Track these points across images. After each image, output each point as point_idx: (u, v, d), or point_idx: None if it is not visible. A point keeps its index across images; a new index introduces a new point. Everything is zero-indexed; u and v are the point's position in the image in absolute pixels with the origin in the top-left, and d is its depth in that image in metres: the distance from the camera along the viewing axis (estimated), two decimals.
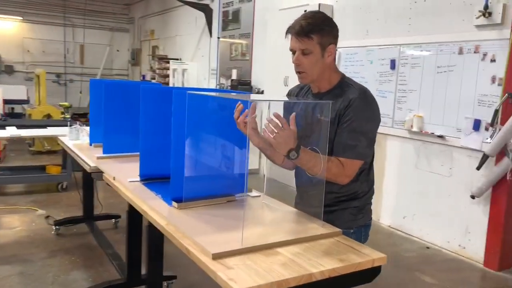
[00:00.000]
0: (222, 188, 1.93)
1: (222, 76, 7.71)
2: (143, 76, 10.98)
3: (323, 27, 1.70)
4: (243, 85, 6.67)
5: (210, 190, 1.88)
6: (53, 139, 6.96)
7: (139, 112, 2.78)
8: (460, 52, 3.83)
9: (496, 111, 3.50)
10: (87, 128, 3.56)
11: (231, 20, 7.45)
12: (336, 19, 5.15)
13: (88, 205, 4.06)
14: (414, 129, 4.22)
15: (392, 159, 4.52)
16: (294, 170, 1.95)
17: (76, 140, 3.38)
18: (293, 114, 1.58)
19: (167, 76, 8.95)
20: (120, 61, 12.92)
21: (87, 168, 2.62)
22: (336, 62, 5.84)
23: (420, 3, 4.22)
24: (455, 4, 3.89)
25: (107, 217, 4.22)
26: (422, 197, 4.22)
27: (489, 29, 3.61)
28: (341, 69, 5.01)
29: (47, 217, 4.36)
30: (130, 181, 2.16)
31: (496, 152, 3.50)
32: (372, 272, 1.44)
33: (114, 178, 2.26)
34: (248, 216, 1.75)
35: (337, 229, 1.63)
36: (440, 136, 4.02)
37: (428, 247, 4.10)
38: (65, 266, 3.36)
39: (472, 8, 3.72)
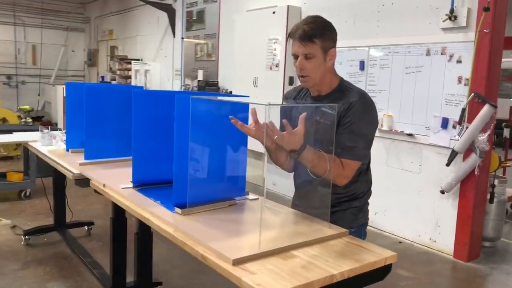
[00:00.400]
0: (223, 192, 1.92)
1: (187, 77, 7.62)
2: (102, 78, 10.66)
3: (325, 31, 1.73)
4: (211, 86, 6.63)
5: (212, 195, 1.86)
6: (11, 145, 6.64)
7: (121, 116, 2.74)
8: (428, 53, 4.00)
9: (464, 110, 3.69)
10: (57, 133, 3.43)
11: (195, 20, 7.38)
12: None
13: (59, 213, 3.91)
14: (384, 128, 4.37)
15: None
16: (293, 172, 1.97)
17: (49, 145, 3.25)
18: (304, 114, 1.57)
19: (129, 77, 8.75)
20: (76, 61, 12.48)
21: (69, 175, 2.52)
22: None
23: (388, 7, 4.37)
24: (422, 8, 4.05)
25: (80, 224, 4.07)
26: (393, 193, 4.36)
27: (455, 31, 3.79)
28: None
29: (14, 227, 4.16)
30: (123, 188, 2.10)
31: (464, 149, 3.68)
32: (385, 270, 1.49)
33: (104, 185, 2.19)
34: (255, 220, 1.76)
35: (344, 230, 1.66)
36: (410, 135, 4.17)
37: (400, 242, 4.25)
38: (40, 278, 3.21)
39: (438, 12, 3.90)
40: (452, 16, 3.74)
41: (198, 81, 6.90)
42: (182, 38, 7.71)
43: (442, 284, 3.52)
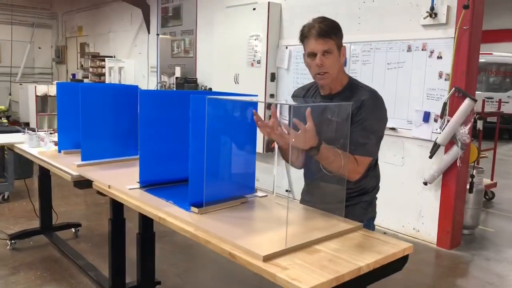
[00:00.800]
0: (235, 190, 1.95)
1: (163, 73, 7.54)
2: (73, 75, 10.39)
3: (338, 29, 1.80)
4: (190, 83, 6.59)
5: (225, 193, 1.89)
6: None
7: (117, 116, 2.71)
8: (409, 49, 4.13)
9: (445, 104, 3.84)
10: (42, 134, 3.35)
11: (171, 16, 7.31)
12: (284, 18, 5.35)
13: (45, 215, 3.82)
14: None
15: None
16: (303, 169, 2.02)
17: (37, 147, 3.17)
18: (308, 109, 1.60)
19: (102, 74, 8.57)
20: (43, 59, 12.10)
21: (67, 177, 2.48)
22: (287, 60, 5.92)
23: (369, 4, 4.47)
24: (402, 5, 4.18)
25: (67, 226, 3.99)
26: None
27: (435, 28, 3.93)
28: (293, 66, 5.24)
29: None
30: (131, 189, 2.09)
31: (446, 142, 3.83)
32: (403, 261, 1.56)
33: (109, 187, 2.17)
34: (271, 217, 1.79)
35: (358, 223, 1.72)
36: (392, 128, 4.30)
37: (385, 233, 4.39)
38: (33, 282, 3.15)
39: (418, 9, 4.03)
40: (432, 13, 3.87)
41: (176, 78, 6.84)
42: (158, 34, 7.62)
43: (428, 271, 3.67)
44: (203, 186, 1.76)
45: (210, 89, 6.50)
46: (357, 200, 1.91)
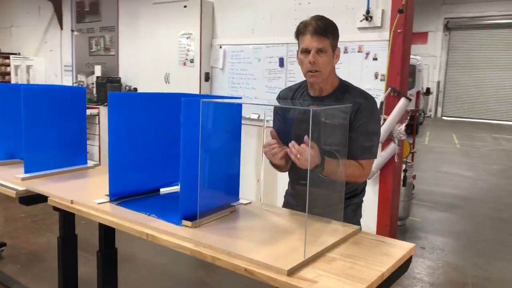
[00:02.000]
0: (223, 199, 1.84)
1: (80, 73, 7.00)
2: None
3: (335, 29, 1.77)
4: (113, 82, 6.19)
5: (215, 203, 1.77)
6: None
7: (63, 122, 2.43)
8: (345, 51, 4.26)
9: (382, 103, 4.02)
10: None
11: (88, 12, 6.79)
12: (217, 17, 5.24)
13: None
14: None
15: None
16: (292, 173, 1.97)
17: None
18: (305, 137, 1.60)
19: (7, 73, 7.71)
20: None
21: (11, 193, 2.15)
22: (222, 59, 5.83)
23: (304, 5, 4.54)
24: (339, 8, 4.30)
25: None
26: None
27: (371, 31, 4.11)
28: (228, 66, 5.16)
29: None
30: (100, 203, 1.87)
31: (384, 139, 4.02)
32: (409, 262, 1.58)
33: (72, 202, 1.92)
34: (269, 225, 1.71)
35: (356, 226, 1.72)
36: None
37: None
38: None
39: (354, 12, 4.17)
40: (368, 16, 4.04)
41: (97, 77, 6.38)
42: (72, 30, 7.04)
43: None
44: (194, 197, 1.63)
45: (135, 89, 6.17)
46: (347, 203, 1.90)
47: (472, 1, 16.49)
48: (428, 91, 14.18)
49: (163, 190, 2.10)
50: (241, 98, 2.08)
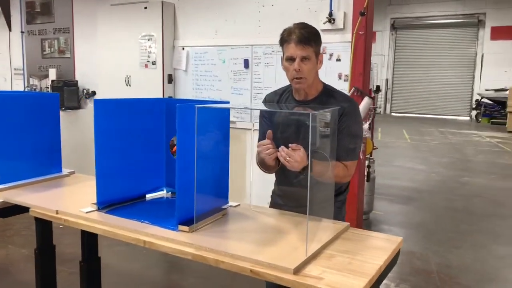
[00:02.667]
0: (215, 202, 1.86)
1: (32, 76, 6.71)
2: None
3: (318, 37, 1.83)
4: (70, 86, 5.98)
5: (208, 207, 1.79)
6: None
7: (35, 130, 2.36)
8: None
9: None
10: None
11: (40, 12, 6.52)
12: (179, 18, 5.21)
13: None
14: None
15: (253, 151, 4.85)
16: (279, 173, 2.02)
17: None
18: (294, 145, 1.71)
19: None
20: None
21: None
22: (185, 61, 5.81)
23: (268, 7, 4.61)
24: (301, 10, 4.40)
25: None
26: None
27: (334, 33, 4.23)
28: (192, 68, 5.15)
29: None
30: (88, 212, 1.84)
31: None
32: (397, 255, 1.67)
33: (57, 212, 1.88)
34: (264, 226, 1.75)
35: (346, 223, 1.79)
36: None
37: None
38: None
39: (317, 14, 4.29)
40: (331, 19, 4.17)
41: (52, 81, 6.15)
42: (22, 32, 6.74)
43: None
44: (189, 202, 1.64)
45: (94, 92, 6.01)
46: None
47: (416, 2, 17.31)
48: (378, 89, 14.71)
49: (149, 196, 2.09)
50: (228, 102, 2.11)
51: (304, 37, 1.78)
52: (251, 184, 2.03)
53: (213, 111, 1.81)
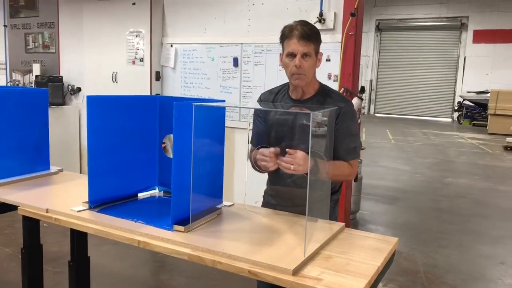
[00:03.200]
0: (210, 202, 1.84)
1: (15, 71, 6.57)
2: None
3: (318, 36, 1.84)
4: (54, 81, 5.87)
5: (203, 206, 1.77)
6: None
7: (22, 126, 2.31)
8: None
9: None
10: None
11: (24, 6, 6.38)
12: (168, 15, 5.16)
13: None
14: None
15: (241, 150, 4.83)
16: (272, 174, 2.00)
17: None
18: (292, 150, 1.69)
19: None
20: None
21: None
22: (173, 59, 5.77)
23: (258, 6, 4.59)
24: (292, 10, 4.39)
25: None
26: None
27: (324, 33, 4.18)
28: (180, 65, 5.11)
29: None
30: (79, 211, 1.80)
31: None
32: (393, 255, 1.67)
33: (47, 211, 1.83)
34: (260, 226, 1.74)
35: (341, 223, 1.79)
36: None
37: None
38: None
39: (307, 14, 4.29)
40: (321, 19, 4.17)
41: (36, 76, 6.03)
42: (5, 26, 6.59)
43: None
44: (184, 202, 1.62)
45: (79, 88, 5.91)
46: None
47: (400, 4, 17.51)
48: (362, 90, 14.86)
49: (141, 195, 2.06)
50: (224, 101, 2.09)
51: (307, 34, 1.79)
52: (245, 184, 2.01)
53: (210, 110, 1.78)
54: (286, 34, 1.83)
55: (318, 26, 4.20)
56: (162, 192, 2.11)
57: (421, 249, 4.12)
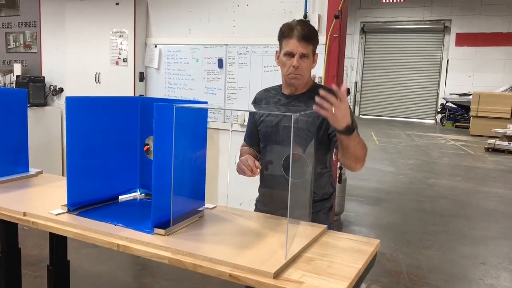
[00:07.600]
0: (191, 204, 1.82)
1: None
2: None
3: (317, 36, 1.85)
4: (36, 82, 5.77)
5: (184, 209, 1.74)
6: None
7: (3, 126, 2.25)
8: None
9: None
10: None
11: (4, 5, 6.27)
12: (152, 15, 5.11)
13: None
14: (246, 123, 4.60)
15: (225, 151, 4.81)
16: (263, 180, 2.01)
17: None
18: (344, 85, 1.62)
19: None
20: None
21: None
22: (157, 59, 5.73)
23: (243, 8, 4.58)
24: (276, 11, 4.39)
25: None
26: (254, 184, 4.64)
27: None
28: (164, 66, 5.08)
29: None
30: (58, 214, 1.76)
31: None
32: (375, 256, 1.68)
33: (25, 214, 1.79)
34: (242, 229, 1.73)
35: (323, 225, 1.79)
36: None
37: None
38: None
39: (292, 16, 4.28)
40: (306, 21, 4.18)
41: (17, 76, 5.92)
42: None
43: None
44: (165, 204, 1.60)
45: (61, 89, 5.83)
46: (319, 207, 1.99)
47: (385, 7, 17.68)
48: (348, 91, 14.96)
49: (122, 198, 2.03)
50: (206, 102, 2.08)
51: (307, 35, 1.79)
52: (228, 186, 2.00)
53: (191, 111, 1.76)
54: (285, 33, 1.83)
55: None
56: (144, 194, 2.08)
57: (404, 250, 4.15)
